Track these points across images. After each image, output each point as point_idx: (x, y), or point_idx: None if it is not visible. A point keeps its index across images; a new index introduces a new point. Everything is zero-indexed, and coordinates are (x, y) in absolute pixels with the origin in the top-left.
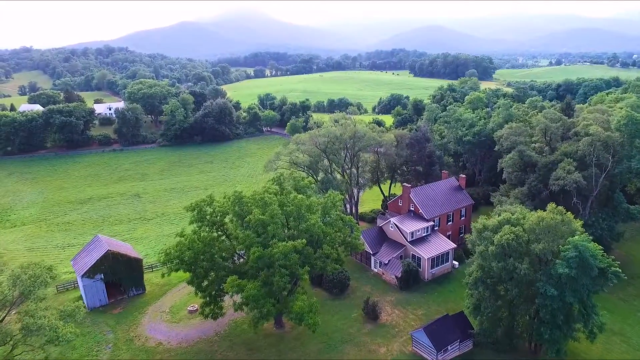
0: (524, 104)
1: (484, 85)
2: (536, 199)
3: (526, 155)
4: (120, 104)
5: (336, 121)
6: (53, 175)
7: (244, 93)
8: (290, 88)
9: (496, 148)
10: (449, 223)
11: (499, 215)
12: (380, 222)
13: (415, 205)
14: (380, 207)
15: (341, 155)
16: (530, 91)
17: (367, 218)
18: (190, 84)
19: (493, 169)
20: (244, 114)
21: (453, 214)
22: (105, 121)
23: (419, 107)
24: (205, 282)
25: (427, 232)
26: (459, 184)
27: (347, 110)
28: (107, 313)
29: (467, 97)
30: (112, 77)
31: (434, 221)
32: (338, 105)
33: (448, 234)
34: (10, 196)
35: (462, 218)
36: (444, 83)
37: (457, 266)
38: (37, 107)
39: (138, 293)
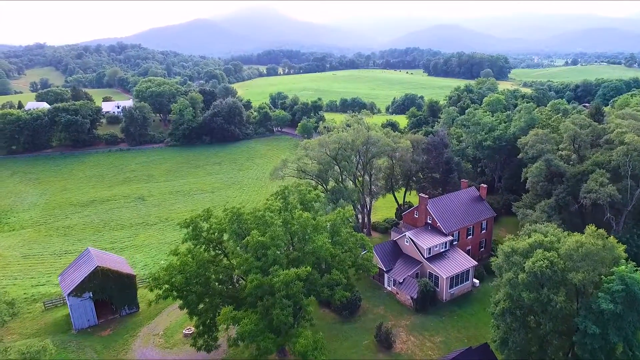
0: (546, 106)
1: (501, 85)
2: (563, 212)
3: (554, 164)
4: (129, 102)
5: (348, 125)
6: (57, 176)
7: (255, 91)
8: (303, 87)
9: (520, 156)
10: (469, 237)
11: (529, 235)
12: (394, 236)
13: (432, 217)
14: (394, 216)
15: (353, 162)
16: (549, 92)
17: (380, 228)
18: (201, 81)
19: (514, 176)
20: (255, 114)
21: (473, 227)
22: (113, 120)
23: (434, 109)
24: (201, 305)
25: (445, 247)
26: (480, 194)
27: (360, 113)
28: (95, 335)
29: (485, 98)
30: (124, 74)
31: (452, 235)
32: (351, 105)
33: (468, 248)
34: (12, 197)
35: (483, 231)
36: (459, 83)
37: (477, 285)
38: (44, 105)
39: (131, 312)
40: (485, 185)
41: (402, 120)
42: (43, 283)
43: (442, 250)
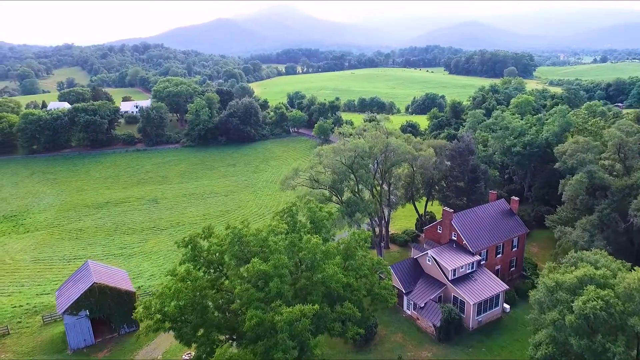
0: (579, 108)
1: (527, 85)
2: (607, 230)
3: (597, 177)
4: (148, 102)
5: (364, 130)
6: (74, 176)
7: (273, 90)
8: (321, 86)
9: (557, 165)
10: (498, 255)
11: (575, 265)
12: (415, 253)
13: (458, 234)
14: (414, 228)
15: (370, 171)
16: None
17: (399, 241)
18: (220, 80)
19: (546, 185)
20: (271, 114)
21: (503, 244)
22: (132, 119)
23: (457, 110)
24: (198, 333)
25: (472, 268)
26: (510, 207)
27: (378, 116)
28: (91, 356)
29: (513, 100)
30: (145, 74)
31: (480, 254)
32: (369, 105)
33: (496, 268)
34: (29, 198)
35: (514, 249)
36: (481, 81)
37: (508, 310)
38: (65, 105)
39: (130, 330)
40: (516, 198)
41: (422, 121)
42: (48, 292)
43: (468, 272)
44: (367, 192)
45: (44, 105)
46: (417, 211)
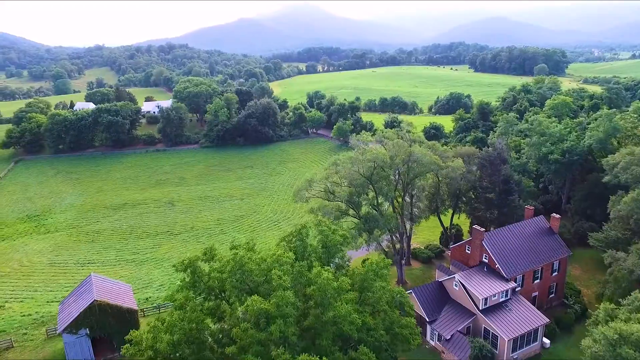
0: (621, 109)
1: (563, 84)
2: None
3: None
4: (169, 102)
5: (385, 137)
6: (95, 176)
7: (293, 90)
8: (341, 85)
9: (606, 179)
10: (536, 281)
11: None
12: (439, 275)
13: (489, 256)
14: (438, 242)
15: (391, 182)
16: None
17: (422, 257)
18: (241, 80)
19: (589, 197)
20: (290, 114)
21: (542, 269)
22: (153, 120)
23: (485, 111)
24: None
25: (506, 296)
26: (550, 226)
27: (402, 125)
28: None
29: (548, 101)
30: (169, 74)
31: (515, 280)
32: (390, 105)
33: (534, 294)
34: (52, 197)
35: (555, 274)
36: (509, 80)
37: (547, 346)
38: (90, 105)
39: None
40: (557, 216)
41: (446, 123)
42: (58, 299)
43: (501, 300)
44: (387, 205)
45: (72, 106)
46: (442, 224)
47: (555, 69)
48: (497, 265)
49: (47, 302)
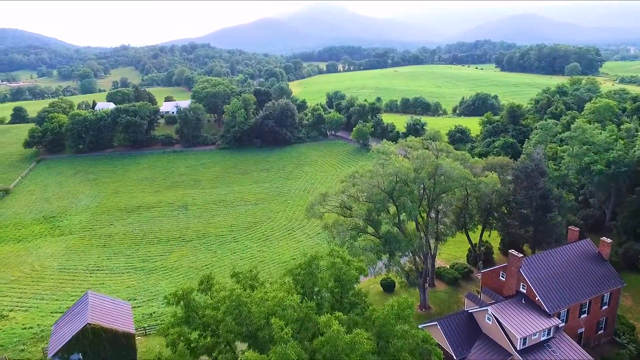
0: None
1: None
2: None
3: None
4: (188, 102)
5: (409, 147)
6: (112, 177)
7: (313, 89)
8: (362, 84)
9: None
10: (583, 316)
11: None
12: (469, 305)
13: (528, 286)
14: (465, 260)
15: (415, 200)
16: None
17: (447, 277)
18: (261, 79)
19: (639, 214)
20: (308, 115)
21: (590, 302)
22: (172, 120)
23: (515, 114)
24: None
25: (548, 335)
26: (599, 251)
27: (424, 127)
28: None
29: (588, 104)
30: (190, 74)
31: (559, 315)
32: (413, 105)
33: (580, 331)
34: (69, 198)
35: (604, 307)
36: (538, 79)
37: None
38: (110, 105)
39: None
40: (608, 240)
41: (472, 125)
42: (62, 309)
43: (542, 339)
44: (408, 220)
45: (94, 105)
46: (470, 241)
47: (588, 68)
48: (538, 298)
49: (51, 312)
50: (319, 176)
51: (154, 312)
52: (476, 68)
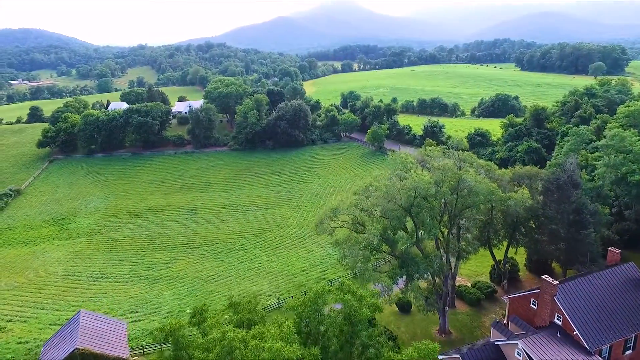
0: None
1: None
2: None
3: None
4: (200, 102)
5: (428, 156)
6: (123, 178)
7: (328, 89)
8: (377, 84)
9: None
10: (628, 352)
11: None
12: (495, 336)
13: (564, 317)
14: (488, 278)
15: (436, 216)
16: None
17: (469, 298)
18: (275, 79)
19: None
20: (322, 116)
21: (637, 337)
22: (184, 120)
23: (540, 117)
24: None
25: None
26: None
27: (448, 140)
28: None
29: (621, 108)
30: (204, 73)
31: (600, 353)
32: (430, 106)
33: None
34: (80, 200)
35: None
36: (560, 79)
37: None
38: (123, 105)
39: None
40: None
41: (492, 127)
42: (61, 322)
43: None
44: (427, 236)
45: (107, 105)
46: (494, 257)
47: (613, 67)
48: (576, 332)
49: (50, 324)
50: (331, 180)
51: (152, 331)
52: (495, 67)
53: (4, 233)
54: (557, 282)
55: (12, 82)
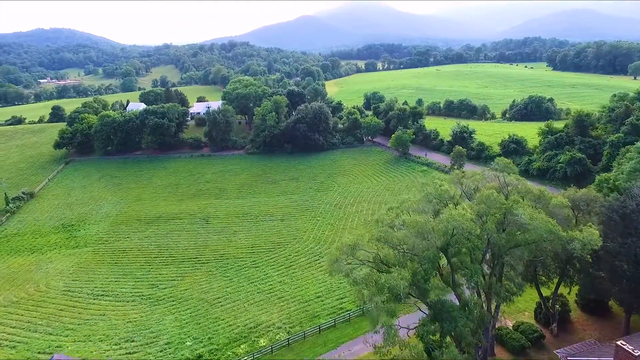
0: None
1: None
2: None
3: None
4: (219, 103)
5: (465, 178)
6: (137, 182)
7: (351, 89)
8: (402, 84)
9: None
10: None
11: None
12: None
13: None
14: (533, 319)
15: (478, 259)
16: None
17: (511, 344)
18: (298, 78)
19: None
20: (344, 118)
21: None
22: (202, 121)
23: (584, 124)
24: None
25: None
26: None
27: (472, 135)
28: None
29: None
30: (226, 72)
31: None
32: (457, 108)
33: None
34: (91, 204)
35: None
36: (597, 80)
37: None
38: (142, 106)
39: None
40: None
41: (527, 132)
42: (52, 349)
43: None
44: (466, 281)
45: (127, 105)
46: (541, 295)
47: None
48: None
49: (39, 352)
50: (352, 188)
51: None
52: (525, 67)
53: (12, 239)
54: (638, 353)
55: (41, 80)
